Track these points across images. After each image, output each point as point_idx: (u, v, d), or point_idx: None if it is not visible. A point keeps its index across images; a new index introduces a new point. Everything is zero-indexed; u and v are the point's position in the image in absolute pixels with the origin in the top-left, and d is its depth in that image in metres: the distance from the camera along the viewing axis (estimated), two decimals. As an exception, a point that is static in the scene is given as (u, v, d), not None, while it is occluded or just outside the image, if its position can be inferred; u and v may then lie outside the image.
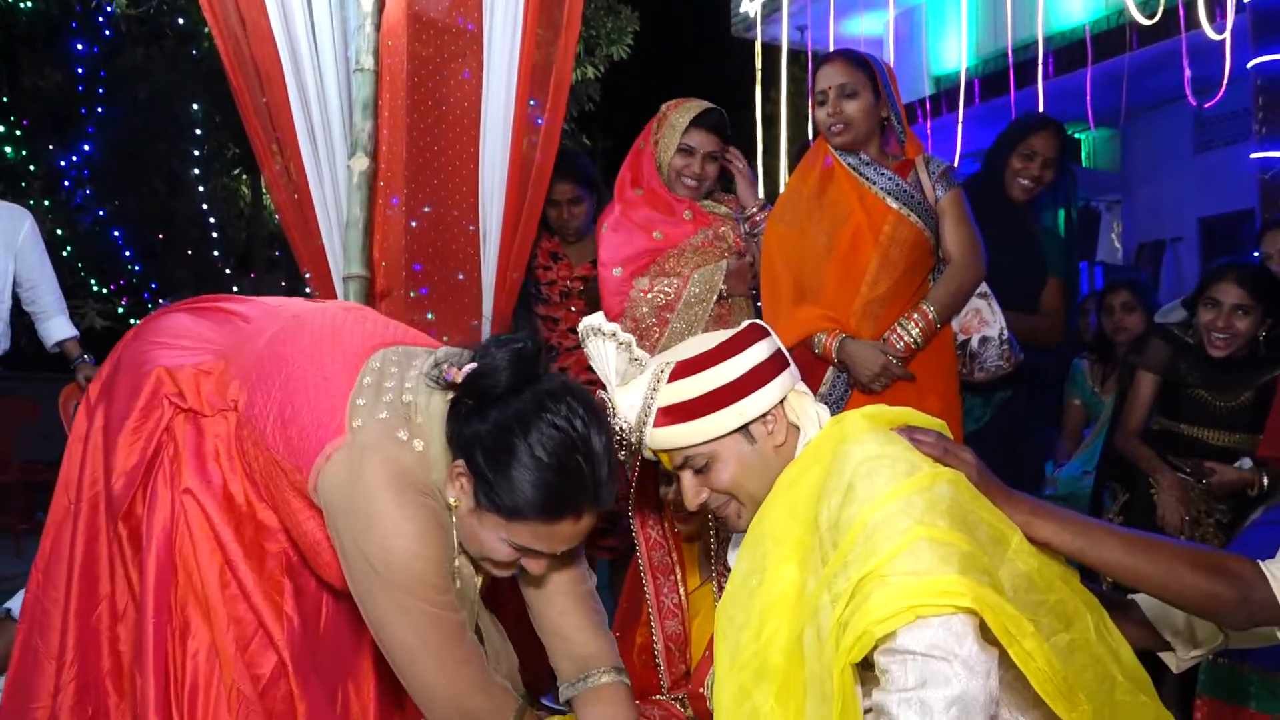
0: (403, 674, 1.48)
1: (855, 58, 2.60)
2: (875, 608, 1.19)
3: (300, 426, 1.49)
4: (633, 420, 1.47)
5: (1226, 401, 2.94)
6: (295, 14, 2.78)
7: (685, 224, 2.71)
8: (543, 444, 1.42)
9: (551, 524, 1.45)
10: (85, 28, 8.10)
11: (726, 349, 1.48)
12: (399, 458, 1.46)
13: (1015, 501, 1.39)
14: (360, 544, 1.43)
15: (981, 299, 2.63)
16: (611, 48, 8.19)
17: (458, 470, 1.47)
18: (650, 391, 1.47)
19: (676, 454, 1.49)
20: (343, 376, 1.52)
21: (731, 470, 1.46)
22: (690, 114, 2.72)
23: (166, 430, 1.59)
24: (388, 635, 1.46)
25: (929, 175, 2.57)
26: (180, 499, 1.55)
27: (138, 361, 1.66)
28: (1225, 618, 1.37)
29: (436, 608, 1.45)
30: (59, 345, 4.01)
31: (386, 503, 1.42)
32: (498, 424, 1.43)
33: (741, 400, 1.45)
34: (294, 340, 1.60)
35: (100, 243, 8.58)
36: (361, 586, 1.46)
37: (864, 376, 2.45)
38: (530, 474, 1.41)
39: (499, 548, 1.48)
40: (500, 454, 1.42)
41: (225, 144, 8.66)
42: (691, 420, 1.45)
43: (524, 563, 1.52)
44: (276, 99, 2.81)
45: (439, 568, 1.46)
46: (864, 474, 1.30)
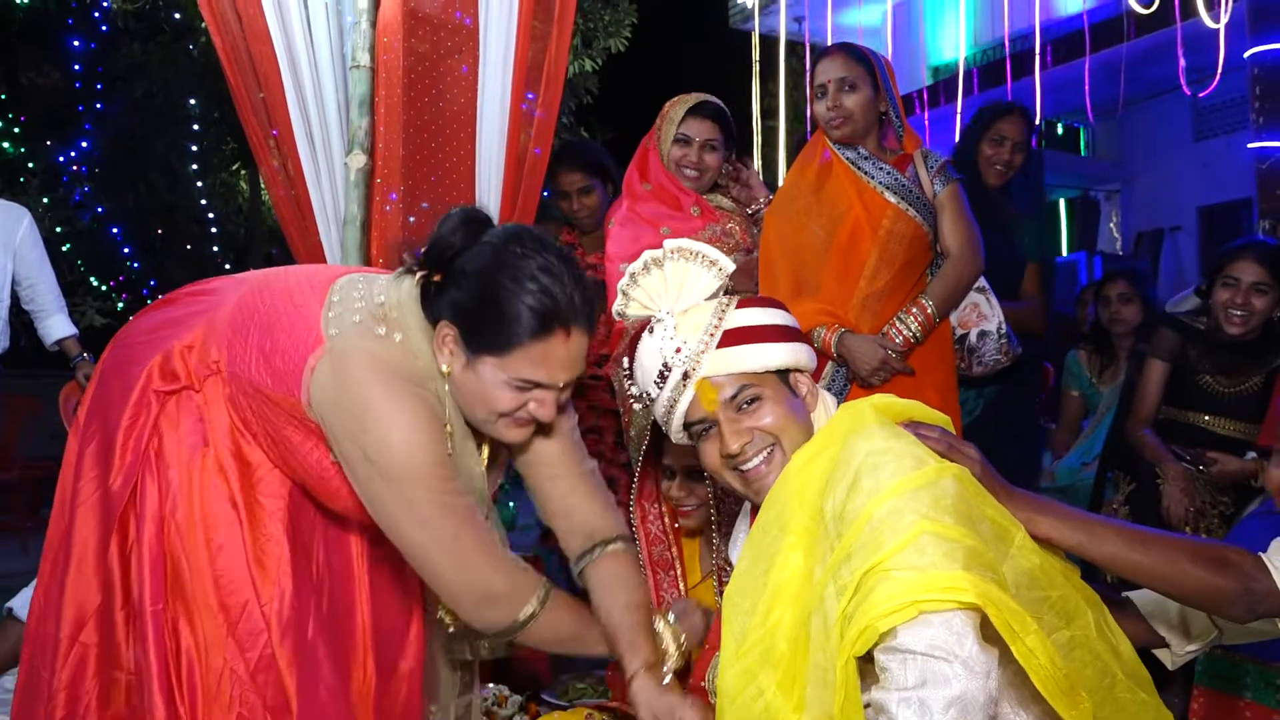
0: (422, 570, 1.49)
1: (855, 51, 2.60)
2: (879, 602, 1.19)
3: (282, 354, 1.51)
4: (694, 341, 1.46)
5: (1234, 387, 2.96)
6: (291, 11, 2.78)
7: (693, 219, 2.69)
8: (515, 273, 1.46)
9: (544, 341, 1.46)
10: (82, 24, 8.09)
11: (778, 305, 1.56)
12: (380, 352, 1.49)
13: (1017, 498, 1.40)
14: (359, 444, 1.44)
15: (979, 293, 2.63)
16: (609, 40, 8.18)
17: (444, 333, 1.49)
18: (719, 312, 1.48)
19: (730, 383, 1.46)
20: (314, 302, 1.55)
21: (780, 410, 1.46)
22: (686, 105, 2.73)
23: (154, 427, 1.59)
24: (400, 534, 1.47)
25: (927, 170, 2.57)
26: (166, 487, 1.56)
27: (120, 370, 1.65)
28: (1227, 609, 1.37)
29: (443, 494, 1.46)
30: (58, 343, 4.02)
31: (375, 397, 1.44)
32: (468, 274, 1.48)
33: (793, 343, 1.50)
34: (262, 291, 1.62)
35: (99, 239, 8.57)
36: (368, 490, 1.47)
37: (863, 370, 2.46)
38: (512, 300, 1.44)
39: (502, 395, 1.49)
40: (479, 296, 1.46)
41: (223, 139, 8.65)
42: (755, 343, 1.46)
43: (531, 408, 1.51)
44: (274, 96, 2.81)
45: (438, 455, 1.47)
46: (870, 467, 1.30)
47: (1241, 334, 2.89)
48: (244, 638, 1.53)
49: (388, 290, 1.55)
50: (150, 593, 1.52)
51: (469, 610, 1.52)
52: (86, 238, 8.41)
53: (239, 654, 1.52)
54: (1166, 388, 3.06)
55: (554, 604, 1.55)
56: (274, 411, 1.52)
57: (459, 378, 1.50)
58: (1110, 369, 4.10)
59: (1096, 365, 4.16)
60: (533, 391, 1.50)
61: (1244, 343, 2.92)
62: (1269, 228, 4.93)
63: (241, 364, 1.54)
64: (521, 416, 1.52)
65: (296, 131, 2.82)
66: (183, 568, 1.54)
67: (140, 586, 1.54)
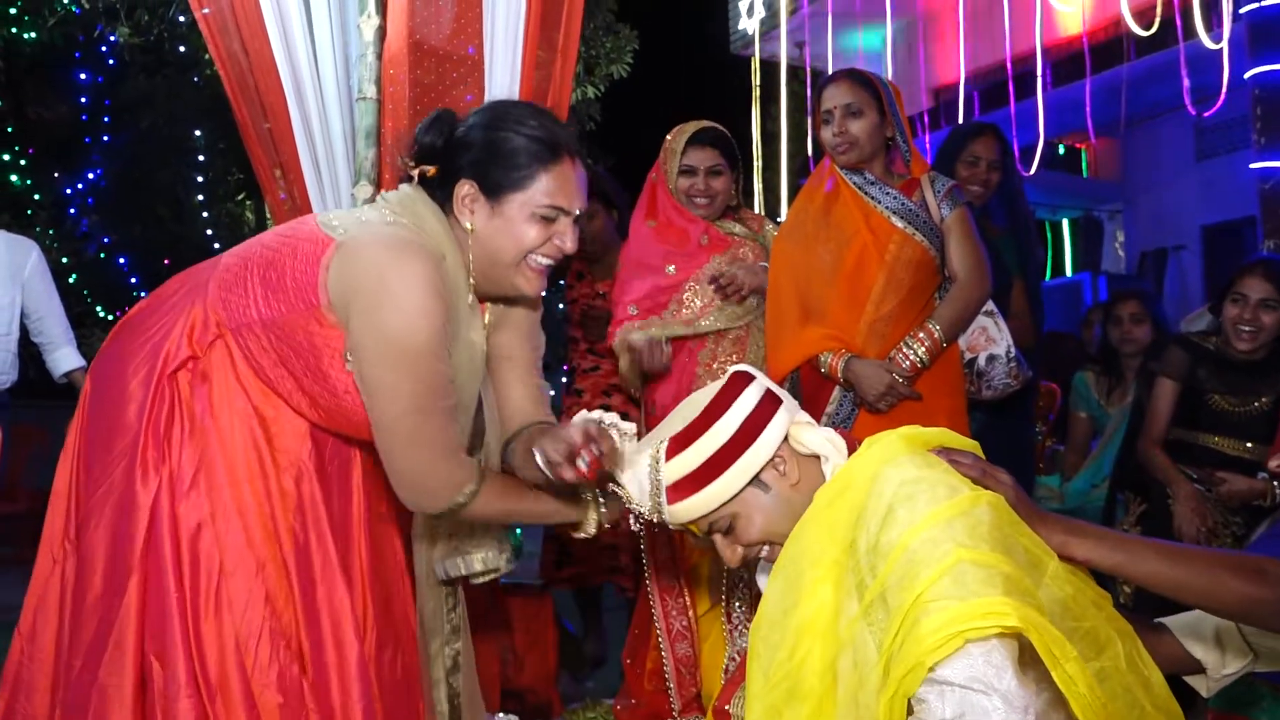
0: (380, 446, 1.57)
1: (860, 77, 2.61)
2: (924, 636, 1.18)
3: (294, 274, 1.57)
4: (646, 505, 1.49)
5: (1244, 406, 2.95)
6: (298, 44, 2.80)
7: (699, 252, 2.69)
8: (514, 120, 1.63)
9: (556, 167, 1.61)
10: (89, 57, 8.15)
11: (715, 408, 1.48)
12: (391, 233, 1.58)
13: (1050, 523, 1.39)
14: (371, 320, 1.52)
15: (988, 317, 2.63)
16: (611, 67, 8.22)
17: (463, 194, 1.62)
18: (653, 474, 1.47)
19: (700, 522, 1.49)
20: (309, 226, 1.64)
21: (757, 523, 1.47)
22: (686, 135, 2.75)
23: (171, 412, 1.59)
24: (375, 407, 1.54)
25: (934, 194, 2.58)
26: (165, 473, 1.57)
27: (112, 381, 1.64)
28: (1267, 621, 1.36)
29: (423, 382, 1.54)
30: (66, 376, 4.04)
31: (389, 273, 1.52)
32: (472, 140, 1.63)
33: (743, 455, 1.45)
34: (247, 248, 1.69)
35: (105, 270, 8.60)
36: (364, 366, 1.54)
37: (870, 396, 2.45)
38: (518, 139, 1.61)
39: (529, 230, 1.62)
40: (490, 148, 1.62)
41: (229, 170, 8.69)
42: (701, 490, 1.45)
43: (556, 240, 1.63)
44: (280, 128, 2.83)
45: (434, 344, 1.55)
46: (904, 497, 1.30)
47: (1251, 350, 2.89)
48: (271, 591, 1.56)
49: (389, 196, 1.68)
50: (174, 583, 1.53)
51: (405, 495, 1.60)
52: (93, 268, 8.44)
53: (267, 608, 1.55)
54: (1177, 408, 3.05)
55: (489, 484, 1.62)
56: (292, 335, 1.57)
57: (484, 230, 1.63)
58: (1118, 390, 4.09)
59: (1104, 386, 4.15)
60: (556, 222, 1.63)
61: (1254, 362, 2.92)
62: (1274, 248, 4.93)
63: (245, 313, 1.59)
64: (547, 253, 1.65)
65: (303, 162, 2.83)
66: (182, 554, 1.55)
67: (162, 579, 1.54)
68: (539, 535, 3.56)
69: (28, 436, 5.95)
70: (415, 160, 1.67)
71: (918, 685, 1.19)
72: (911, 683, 1.19)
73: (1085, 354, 4.73)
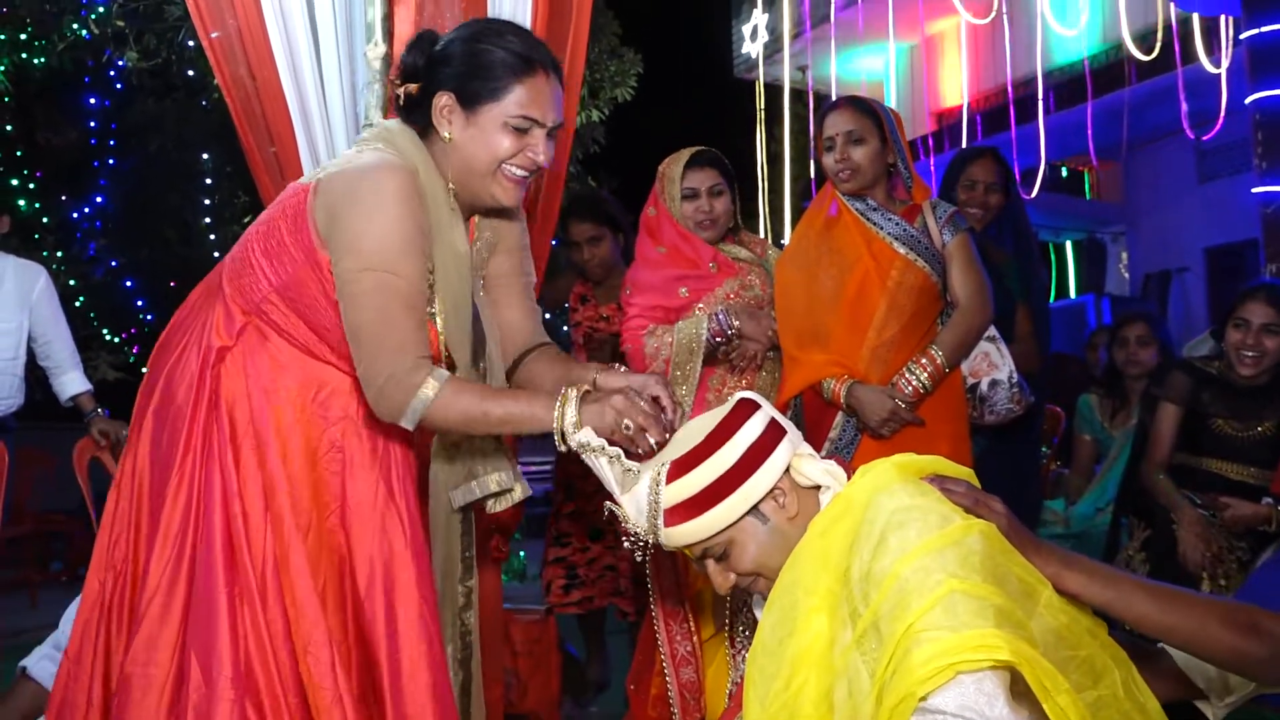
0: (357, 343, 1.60)
1: (862, 104, 2.62)
2: (915, 667, 1.18)
3: (288, 230, 1.64)
4: (644, 525, 1.48)
5: (1247, 431, 2.95)
6: (304, 70, 2.82)
7: (711, 276, 2.67)
8: (491, 35, 1.69)
9: (530, 79, 1.67)
10: (98, 82, 8.21)
11: (718, 435, 1.47)
12: (359, 158, 1.66)
13: (1045, 553, 1.38)
14: (342, 229, 1.58)
15: (990, 342, 2.62)
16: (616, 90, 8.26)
17: (441, 104, 1.68)
18: (652, 496, 1.47)
19: (694, 547, 1.49)
20: (290, 187, 1.72)
21: (751, 553, 1.47)
22: (682, 160, 2.73)
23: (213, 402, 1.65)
24: (347, 313, 1.59)
25: (936, 220, 2.59)
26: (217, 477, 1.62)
27: (157, 402, 1.70)
28: (1256, 673, 1.35)
29: (398, 280, 1.58)
30: (73, 399, 4.05)
31: (363, 188, 1.59)
32: (450, 55, 1.69)
33: (744, 484, 1.44)
34: (245, 233, 1.75)
35: (112, 293, 8.63)
36: (341, 272, 1.59)
37: (873, 421, 2.45)
38: (494, 52, 1.67)
39: (502, 139, 1.67)
40: (468, 60, 1.67)
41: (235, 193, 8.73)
42: (699, 515, 1.45)
43: (529, 153, 1.69)
44: (286, 153, 2.85)
45: (412, 240, 1.61)
46: (896, 525, 1.29)
47: (1254, 375, 2.90)
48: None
49: (365, 133, 1.77)
50: (223, 577, 1.57)
51: (372, 401, 1.61)
52: (100, 291, 8.47)
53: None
54: (1180, 432, 3.05)
55: (450, 385, 1.61)
56: (304, 291, 1.63)
57: (460, 138, 1.69)
58: (1122, 413, 4.09)
59: (1109, 409, 4.15)
60: (529, 133, 1.68)
61: (1257, 387, 2.92)
62: (1276, 271, 4.94)
63: (258, 288, 1.65)
64: (521, 164, 1.70)
65: (309, 188, 2.85)
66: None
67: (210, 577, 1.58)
68: (540, 558, 3.56)
69: (33, 460, 5.96)
70: (400, 80, 1.73)
71: (909, 716, 1.19)
72: (903, 713, 1.18)
73: (1089, 377, 4.73)
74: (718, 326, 2.56)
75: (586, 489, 3.41)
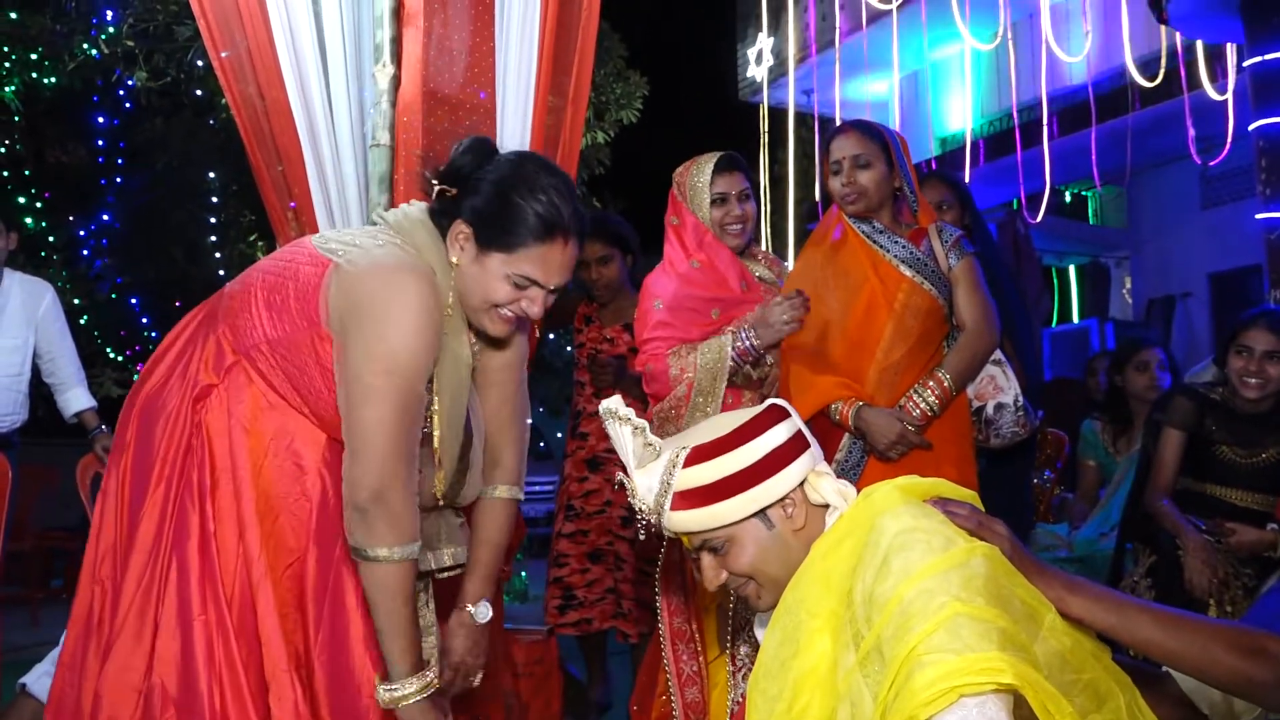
0: (356, 449, 1.61)
1: (868, 129, 2.62)
2: (918, 690, 1.17)
3: (297, 294, 1.67)
4: (650, 503, 1.48)
5: (1251, 458, 2.95)
6: (313, 90, 2.85)
7: (743, 299, 2.61)
8: (530, 186, 1.69)
9: (547, 245, 1.69)
10: (106, 101, 8.26)
11: (744, 433, 1.47)
12: (387, 254, 1.68)
13: (1049, 577, 1.38)
14: (365, 334, 1.60)
15: (995, 365, 2.62)
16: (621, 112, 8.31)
17: (459, 231, 1.71)
18: (667, 476, 1.47)
19: (695, 537, 1.49)
20: (301, 247, 1.75)
21: (749, 554, 1.46)
22: (709, 166, 2.65)
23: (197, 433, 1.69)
24: (357, 413, 1.61)
25: (942, 243, 2.59)
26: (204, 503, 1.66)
27: (147, 419, 1.73)
28: (1262, 699, 1.34)
29: (409, 397, 1.62)
30: (77, 416, 4.07)
31: (387, 295, 1.61)
32: (486, 183, 1.71)
33: (758, 485, 1.44)
34: (246, 275, 1.79)
35: (118, 310, 8.65)
36: (349, 377, 1.61)
37: (881, 444, 2.44)
38: (524, 207, 1.68)
39: (500, 288, 1.71)
40: (496, 201, 1.69)
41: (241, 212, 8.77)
42: (707, 505, 1.45)
43: (523, 304, 1.73)
44: (294, 172, 2.87)
45: (424, 366, 1.65)
46: (899, 547, 1.29)
47: (1257, 402, 2.89)
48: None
49: (384, 216, 1.78)
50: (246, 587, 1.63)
51: (362, 499, 1.60)
52: (105, 309, 8.48)
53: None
54: (1184, 458, 3.05)
55: (406, 566, 1.63)
56: (296, 353, 1.66)
57: (466, 269, 1.72)
58: (1125, 438, 4.08)
59: (1112, 434, 4.13)
60: (528, 290, 1.72)
61: (1260, 413, 2.92)
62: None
63: (252, 335, 1.69)
64: (511, 311, 1.74)
65: (316, 206, 2.87)
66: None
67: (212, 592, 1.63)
68: (543, 579, 3.55)
69: (37, 476, 5.95)
70: (443, 177, 1.76)
71: None
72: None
73: (1091, 401, 4.72)
74: (744, 347, 2.52)
75: (587, 509, 3.41)
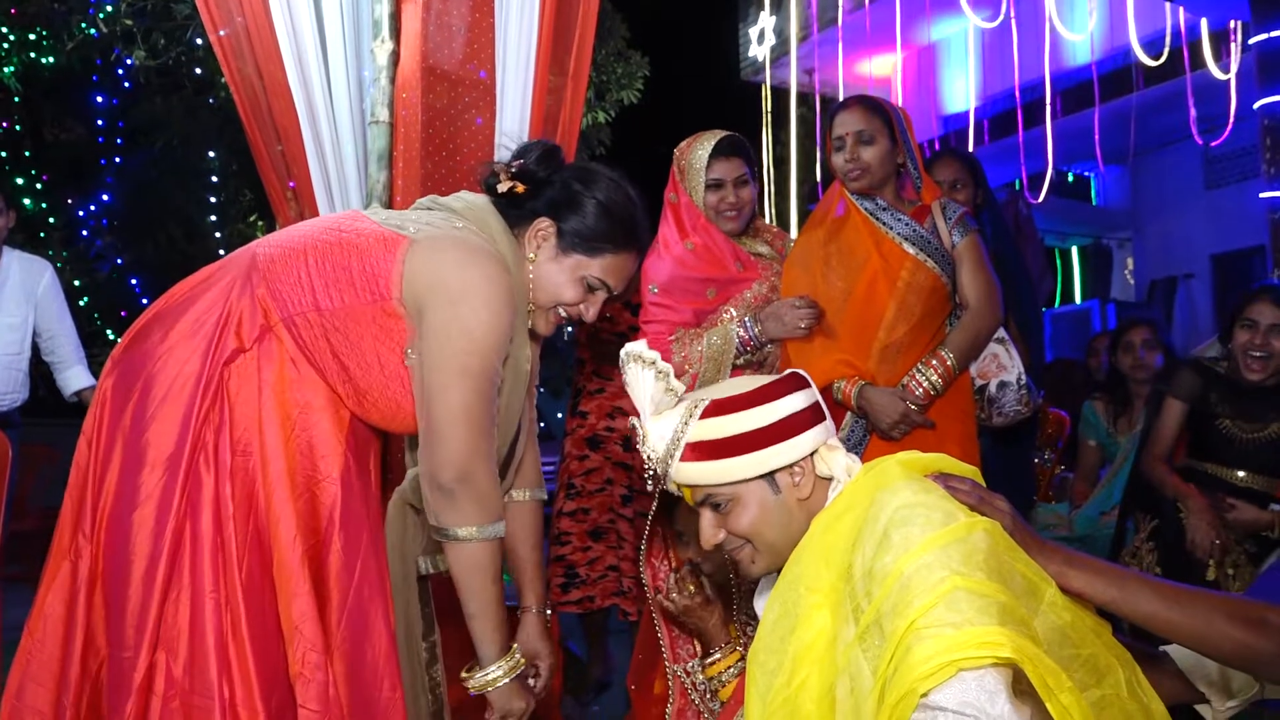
0: (438, 432, 1.58)
1: (872, 104, 2.59)
2: (917, 664, 1.17)
3: (360, 266, 1.62)
4: (660, 451, 1.49)
5: (1255, 433, 2.93)
6: (312, 68, 2.83)
7: (739, 278, 2.60)
8: (608, 193, 1.75)
9: (625, 253, 1.76)
10: (105, 80, 8.23)
11: (763, 394, 1.48)
12: (468, 239, 1.67)
13: (1049, 551, 1.37)
14: (451, 314, 1.58)
15: (999, 344, 2.61)
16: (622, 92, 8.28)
17: (540, 227, 1.73)
18: (682, 425, 1.48)
19: (699, 490, 1.49)
20: (359, 221, 1.70)
21: (751, 515, 1.47)
22: (707, 147, 2.60)
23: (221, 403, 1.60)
24: (445, 396, 1.58)
25: (945, 220, 2.56)
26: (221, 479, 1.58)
27: (152, 370, 1.62)
28: (1263, 670, 1.34)
29: (492, 376, 1.62)
30: (77, 394, 4.06)
31: (474, 275, 1.60)
32: (565, 185, 1.75)
33: (770, 447, 1.45)
34: (283, 236, 1.72)
35: (117, 290, 8.64)
36: (439, 357, 1.58)
37: (883, 423, 2.43)
38: (606, 214, 1.74)
39: (571, 289, 1.74)
40: (578, 204, 1.74)
41: (241, 191, 8.75)
42: (717, 460, 1.45)
43: (586, 304, 1.77)
44: (293, 150, 2.85)
45: (504, 345, 1.65)
46: (899, 522, 1.29)
47: (1262, 377, 2.88)
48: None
49: (450, 204, 1.77)
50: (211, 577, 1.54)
51: (448, 479, 1.58)
52: (105, 289, 8.48)
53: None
54: (1187, 433, 3.04)
55: (493, 545, 1.62)
56: (352, 326, 1.62)
57: (542, 265, 1.74)
58: (1125, 418, 4.08)
59: (1112, 414, 4.13)
60: (596, 293, 1.76)
61: (1265, 388, 2.90)
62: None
63: (300, 303, 1.62)
64: (568, 313, 1.78)
65: (315, 185, 2.86)
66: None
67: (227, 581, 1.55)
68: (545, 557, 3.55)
69: (38, 455, 5.96)
70: (518, 176, 1.76)
71: (911, 712, 1.18)
72: (904, 710, 1.18)
73: (1092, 382, 4.72)
74: (748, 335, 2.53)
75: (588, 487, 3.41)
